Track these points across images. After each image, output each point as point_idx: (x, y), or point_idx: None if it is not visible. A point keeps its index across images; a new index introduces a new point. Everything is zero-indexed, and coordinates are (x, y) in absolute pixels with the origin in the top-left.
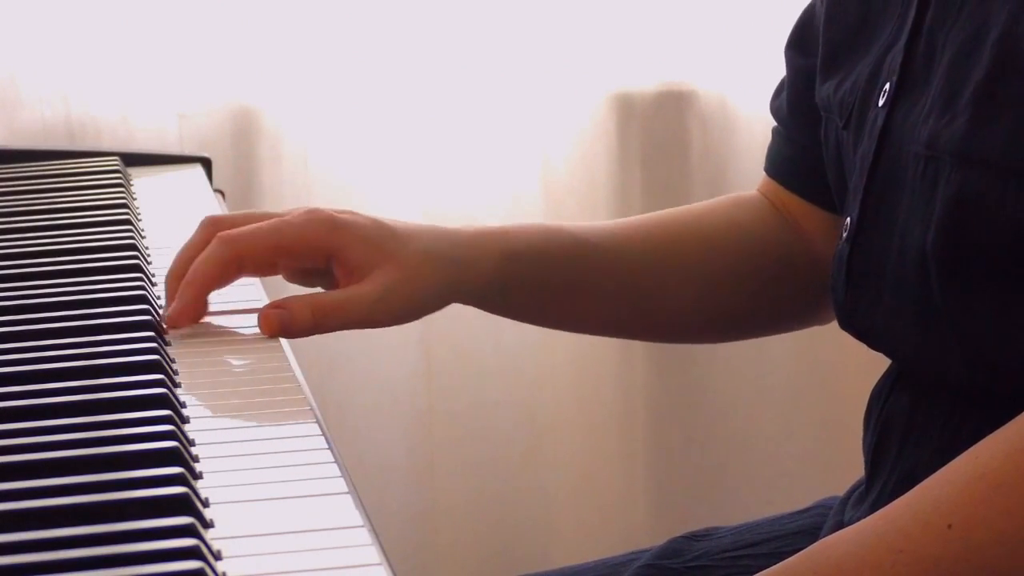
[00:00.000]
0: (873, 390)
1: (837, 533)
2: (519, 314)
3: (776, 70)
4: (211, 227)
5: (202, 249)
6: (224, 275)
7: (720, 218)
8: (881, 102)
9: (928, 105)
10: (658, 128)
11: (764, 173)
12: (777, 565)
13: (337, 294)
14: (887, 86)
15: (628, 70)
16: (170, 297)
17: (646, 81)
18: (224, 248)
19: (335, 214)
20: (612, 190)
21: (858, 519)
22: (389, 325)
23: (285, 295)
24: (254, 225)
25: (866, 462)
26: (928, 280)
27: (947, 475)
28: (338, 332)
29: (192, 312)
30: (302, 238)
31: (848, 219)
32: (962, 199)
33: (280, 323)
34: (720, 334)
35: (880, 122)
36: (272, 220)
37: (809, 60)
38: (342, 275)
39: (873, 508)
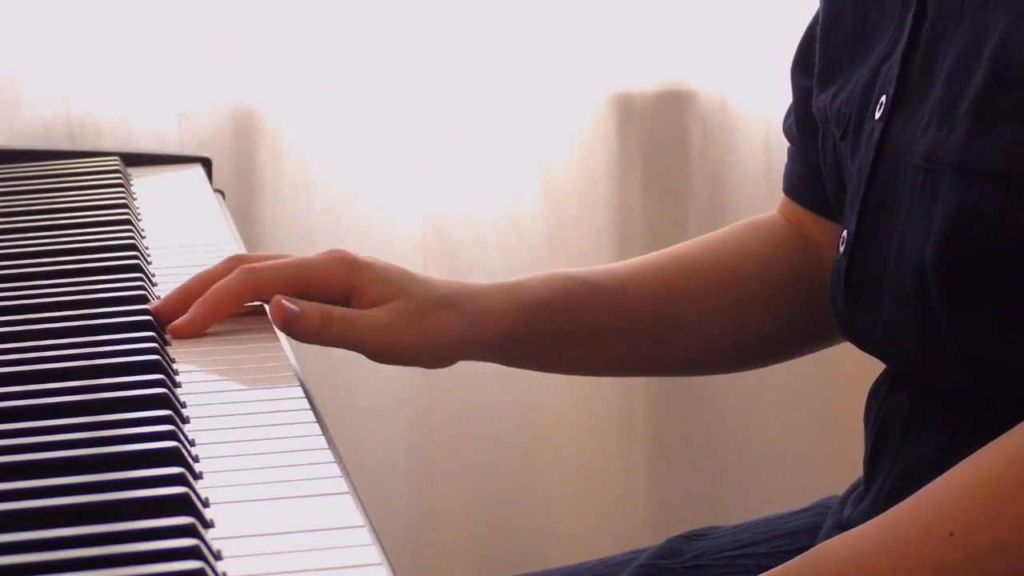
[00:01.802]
0: (872, 387)
1: (837, 537)
2: (536, 365)
3: (776, 70)
4: (235, 261)
5: (220, 277)
6: (239, 302)
7: (734, 248)
8: (878, 114)
9: (927, 116)
10: (658, 128)
11: (783, 193)
12: (777, 568)
13: (348, 310)
14: (883, 98)
15: (628, 70)
16: (170, 303)
17: (646, 81)
18: (245, 276)
19: (357, 255)
20: (612, 190)
21: (857, 516)
22: (391, 357)
23: None
24: (277, 261)
25: (865, 459)
26: (927, 291)
27: (948, 482)
28: None
29: (199, 328)
30: (322, 274)
31: (846, 231)
32: (962, 210)
33: (289, 317)
34: (740, 364)
35: (877, 134)
36: (294, 257)
37: (811, 80)
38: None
39: (872, 505)
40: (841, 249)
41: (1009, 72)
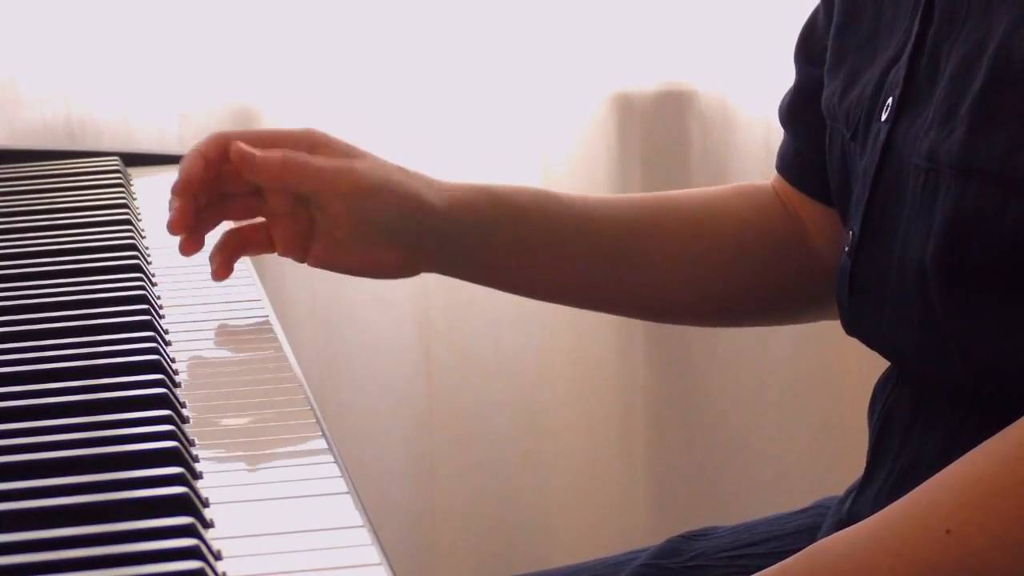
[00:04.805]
0: (877, 383)
1: (834, 535)
2: (498, 272)
3: (776, 70)
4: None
5: None
6: (213, 160)
7: (718, 205)
8: (884, 115)
9: (929, 118)
10: (658, 128)
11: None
12: (774, 566)
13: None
14: (890, 100)
15: (628, 70)
16: (179, 206)
17: (646, 81)
18: (213, 138)
19: (328, 134)
20: (612, 190)
21: (858, 511)
22: (348, 203)
23: (283, 291)
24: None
25: (868, 454)
26: (928, 291)
27: (944, 479)
28: (338, 332)
29: (188, 202)
30: (287, 132)
31: (851, 231)
32: (961, 211)
33: (248, 158)
34: (705, 319)
35: (883, 136)
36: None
37: (813, 71)
38: None
39: (874, 499)
40: (846, 249)
41: (1009, 73)
